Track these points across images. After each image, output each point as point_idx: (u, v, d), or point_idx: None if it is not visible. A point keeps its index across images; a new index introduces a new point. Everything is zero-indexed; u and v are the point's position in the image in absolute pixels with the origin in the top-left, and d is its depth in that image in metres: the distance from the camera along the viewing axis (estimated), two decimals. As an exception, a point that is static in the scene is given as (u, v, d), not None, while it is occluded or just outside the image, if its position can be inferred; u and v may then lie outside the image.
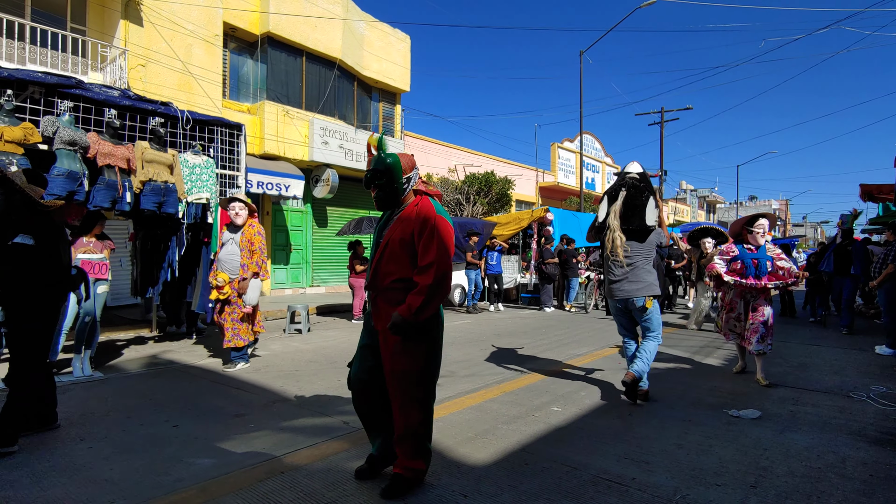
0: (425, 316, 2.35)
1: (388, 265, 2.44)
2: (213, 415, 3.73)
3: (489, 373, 5.12)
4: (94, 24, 10.12)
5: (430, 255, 2.35)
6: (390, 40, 15.77)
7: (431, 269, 2.33)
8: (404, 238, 2.42)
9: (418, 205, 2.48)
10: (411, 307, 2.31)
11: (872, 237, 15.84)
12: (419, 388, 2.44)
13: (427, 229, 2.39)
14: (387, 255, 2.45)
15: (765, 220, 4.84)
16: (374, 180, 2.50)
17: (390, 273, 2.43)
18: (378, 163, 2.47)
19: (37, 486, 2.54)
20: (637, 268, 4.02)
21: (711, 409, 3.92)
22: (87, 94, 5.22)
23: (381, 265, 2.46)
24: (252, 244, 5.10)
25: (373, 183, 2.51)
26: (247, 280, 5.07)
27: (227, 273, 5.10)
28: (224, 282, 5.08)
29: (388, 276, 2.44)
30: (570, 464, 2.85)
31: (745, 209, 52.71)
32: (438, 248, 2.36)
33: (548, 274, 11.18)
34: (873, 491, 2.57)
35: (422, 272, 2.35)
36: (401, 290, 2.41)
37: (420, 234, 2.39)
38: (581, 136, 19.76)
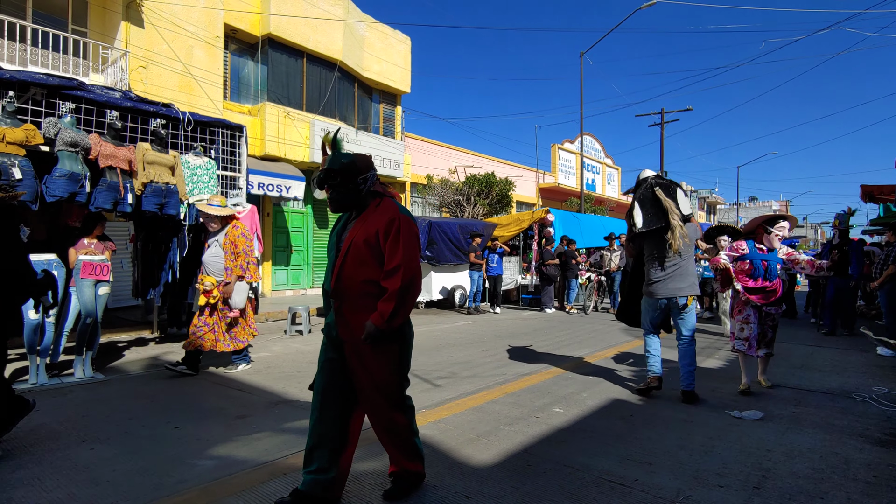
0: (398, 321, 2.25)
1: (353, 269, 2.29)
2: (215, 416, 3.73)
3: (490, 374, 5.12)
4: (96, 25, 10.13)
5: (397, 257, 2.23)
6: (391, 42, 15.79)
7: (399, 272, 2.22)
8: (368, 239, 2.28)
9: (379, 205, 2.36)
10: (384, 314, 2.20)
11: (873, 237, 15.83)
12: (399, 390, 2.39)
13: (392, 230, 2.26)
14: (351, 258, 2.30)
15: (786, 222, 4.49)
16: (328, 180, 2.35)
17: (357, 277, 2.29)
18: (332, 162, 2.34)
19: (39, 488, 2.54)
20: (682, 266, 4.18)
21: (713, 411, 3.92)
22: (88, 95, 5.22)
23: (346, 270, 2.30)
24: (236, 246, 4.93)
25: (326, 183, 2.37)
26: (231, 283, 4.91)
27: (213, 276, 4.97)
28: (212, 285, 4.93)
29: (354, 280, 2.29)
30: (573, 465, 2.85)
31: (745, 210, 52.72)
32: (405, 249, 2.25)
33: (548, 275, 11.20)
34: (876, 492, 2.56)
35: (390, 276, 2.24)
36: (371, 294, 2.28)
37: (385, 234, 2.27)
38: (581, 138, 19.77)
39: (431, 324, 9.17)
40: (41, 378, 4.46)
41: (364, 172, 2.37)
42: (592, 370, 5.33)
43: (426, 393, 4.37)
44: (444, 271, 11.57)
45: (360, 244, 2.28)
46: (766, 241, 4.52)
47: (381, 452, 3.01)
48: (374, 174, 2.42)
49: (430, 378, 4.91)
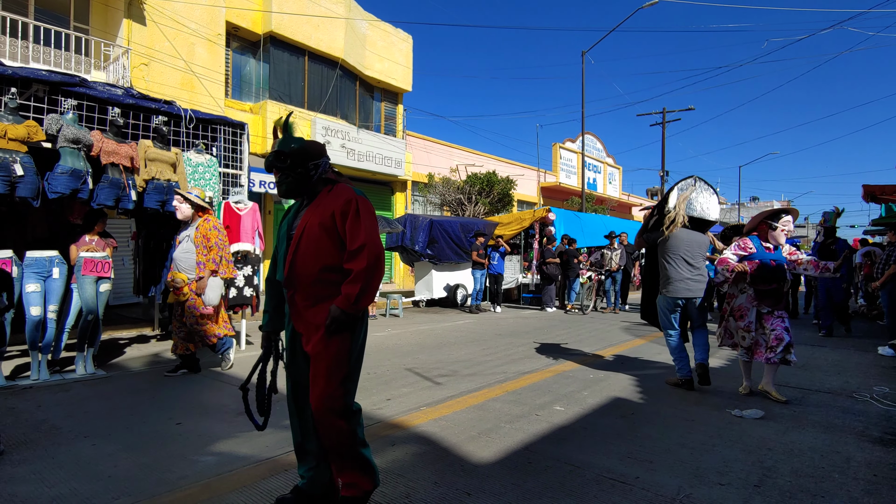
0: (366, 304, 2.15)
1: (308, 256, 2.17)
2: (216, 412, 3.74)
3: (491, 372, 5.12)
4: (98, 23, 10.14)
5: (359, 236, 2.13)
6: (392, 40, 15.78)
7: (363, 251, 2.12)
8: (324, 222, 2.17)
9: (332, 190, 2.27)
10: (350, 296, 2.09)
11: (874, 237, 15.82)
12: (341, 391, 2.17)
13: (351, 210, 2.17)
14: (304, 244, 2.18)
15: (789, 216, 4.29)
16: (277, 163, 2.24)
17: (313, 265, 2.17)
18: (282, 144, 2.25)
19: (42, 483, 2.55)
20: (702, 267, 4.60)
21: (714, 409, 3.92)
22: (90, 92, 5.22)
23: (299, 257, 2.18)
24: (208, 240, 4.73)
25: (275, 166, 2.25)
26: (204, 279, 4.71)
27: (184, 273, 4.74)
28: (182, 282, 4.71)
29: (310, 268, 2.17)
30: (574, 463, 2.85)
31: (746, 210, 52.65)
32: (366, 227, 2.15)
33: (549, 274, 11.19)
34: (877, 491, 2.56)
35: (353, 257, 2.13)
36: (329, 282, 2.17)
37: (343, 215, 2.17)
38: (583, 137, 19.75)
39: (433, 322, 9.18)
40: (43, 374, 4.47)
41: (316, 158, 2.28)
42: (593, 369, 5.33)
43: (427, 391, 4.38)
44: (445, 270, 11.57)
45: (315, 229, 2.18)
46: (772, 238, 4.28)
47: (381, 449, 3.02)
48: (327, 162, 2.34)
49: (431, 376, 4.91)
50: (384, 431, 3.34)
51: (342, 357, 2.17)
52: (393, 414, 3.70)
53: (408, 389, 4.41)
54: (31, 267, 4.45)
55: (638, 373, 5.16)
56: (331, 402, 2.13)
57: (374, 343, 6.82)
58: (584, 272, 11.45)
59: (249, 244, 6.08)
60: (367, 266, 2.11)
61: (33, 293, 4.41)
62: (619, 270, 11.29)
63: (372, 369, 5.18)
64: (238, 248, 5.99)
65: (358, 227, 2.15)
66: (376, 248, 2.16)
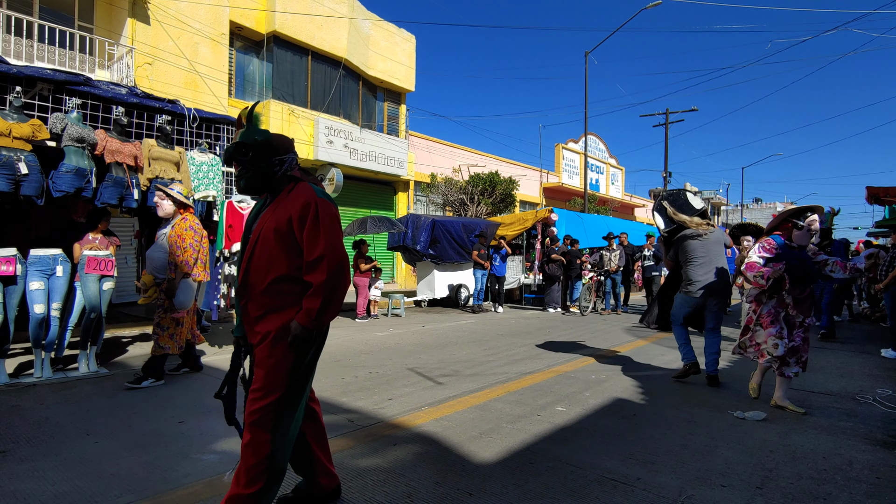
0: (328, 319, 2.00)
1: (262, 263, 2.04)
2: (218, 411, 3.74)
3: (493, 372, 5.12)
4: (102, 22, 10.17)
5: (318, 246, 1.97)
6: (395, 40, 15.79)
7: (323, 262, 1.95)
8: (279, 228, 2.01)
9: (293, 190, 2.09)
10: (311, 312, 1.94)
11: (878, 240, 15.76)
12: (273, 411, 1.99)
13: (309, 215, 1.99)
14: (259, 250, 2.05)
15: (815, 215, 3.95)
16: (237, 155, 2.09)
17: (266, 273, 2.03)
18: (245, 136, 2.10)
19: (45, 481, 2.56)
20: (723, 264, 4.78)
21: (716, 411, 3.91)
22: (94, 91, 5.24)
23: (254, 264, 2.05)
24: (182, 239, 4.40)
25: (235, 158, 2.10)
26: (174, 280, 4.38)
27: (152, 273, 4.46)
28: (146, 285, 4.44)
29: (263, 276, 2.03)
30: (575, 463, 2.85)
31: (749, 211, 52.52)
32: (326, 235, 1.98)
33: (551, 274, 11.14)
34: (880, 493, 2.56)
35: (312, 268, 1.97)
36: (282, 292, 2.03)
37: (301, 221, 1.99)
38: (585, 137, 19.72)
39: (435, 322, 9.18)
40: (46, 372, 4.49)
41: (281, 153, 2.13)
42: (595, 369, 5.33)
43: (429, 390, 4.38)
44: (447, 270, 11.58)
45: (272, 232, 2.02)
46: (797, 238, 3.90)
47: (382, 448, 3.02)
48: (294, 158, 2.18)
49: (432, 376, 4.92)
50: (386, 431, 3.34)
51: (278, 374, 2.00)
52: (394, 413, 3.71)
53: (409, 389, 4.41)
54: (34, 265, 4.47)
55: (640, 374, 5.15)
56: (262, 416, 1.98)
57: (375, 343, 6.83)
58: (586, 273, 11.44)
59: (252, 243, 6.09)
60: (327, 278, 1.95)
61: (37, 291, 4.43)
62: (619, 271, 11.26)
63: (374, 369, 5.18)
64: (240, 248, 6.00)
65: (317, 235, 1.98)
66: (338, 257, 1.99)
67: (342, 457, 2.89)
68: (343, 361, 5.56)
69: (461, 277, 11.81)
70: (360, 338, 7.22)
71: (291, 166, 2.17)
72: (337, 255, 1.99)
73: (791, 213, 4.00)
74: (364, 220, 9.83)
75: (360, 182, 15.18)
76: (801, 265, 3.80)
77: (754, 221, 8.17)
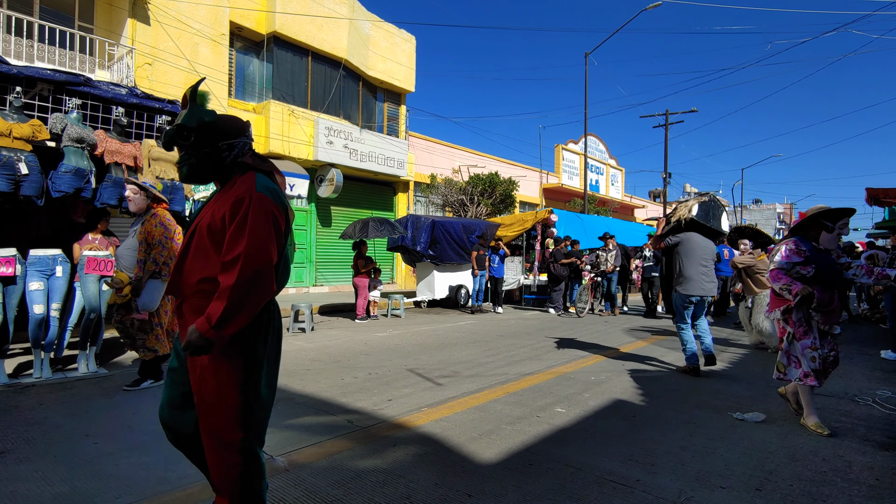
0: (232, 329, 1.72)
1: (194, 261, 1.86)
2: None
3: (492, 373, 5.12)
4: (102, 22, 10.18)
5: (238, 245, 1.74)
6: (395, 40, 15.80)
7: (237, 264, 1.72)
8: (213, 224, 1.82)
9: (237, 182, 1.88)
10: (210, 318, 1.70)
11: (878, 241, 15.77)
12: (233, 424, 1.82)
13: (240, 212, 1.78)
14: (193, 247, 1.87)
15: (848, 217, 3.64)
16: (177, 139, 1.87)
17: (197, 272, 1.85)
18: (187, 118, 1.87)
19: (43, 481, 2.56)
20: (712, 269, 5.29)
21: (716, 412, 3.91)
22: (94, 91, 5.25)
23: (187, 261, 1.88)
24: (151, 236, 4.13)
25: (175, 142, 1.88)
26: (141, 279, 4.11)
27: (126, 272, 4.22)
28: (121, 283, 4.18)
29: (196, 275, 1.85)
30: (575, 465, 2.85)
31: (749, 213, 52.57)
32: (251, 235, 1.75)
33: (558, 275, 11.05)
34: (879, 495, 2.55)
35: (226, 269, 1.75)
36: (210, 295, 1.82)
37: (232, 218, 1.79)
38: (585, 138, 19.74)
39: (434, 323, 9.18)
40: (45, 372, 4.49)
41: (230, 137, 1.91)
42: (594, 371, 5.33)
43: (428, 391, 4.38)
44: (447, 270, 11.58)
45: (205, 228, 1.84)
46: (825, 242, 3.58)
47: (382, 450, 3.02)
48: (246, 143, 1.96)
49: (432, 377, 4.91)
50: (385, 432, 3.34)
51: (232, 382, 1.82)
52: (394, 414, 3.70)
53: (409, 390, 4.41)
54: (34, 265, 4.47)
55: (639, 375, 5.15)
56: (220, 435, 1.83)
57: (375, 343, 6.83)
58: (585, 274, 11.43)
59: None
60: (236, 283, 1.70)
61: (36, 291, 4.43)
62: (615, 272, 11.20)
63: (373, 370, 5.18)
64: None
65: (241, 234, 1.75)
66: (257, 260, 1.74)
67: (341, 458, 2.89)
68: (342, 362, 5.56)
69: (461, 278, 11.82)
70: (359, 338, 7.22)
71: (243, 152, 1.95)
72: (256, 259, 1.74)
73: (822, 214, 3.62)
74: (366, 223, 9.73)
75: (359, 183, 15.19)
76: (830, 269, 3.52)
77: (754, 223, 8.15)
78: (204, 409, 1.83)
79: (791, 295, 3.50)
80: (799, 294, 3.45)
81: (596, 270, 11.25)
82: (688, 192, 48.70)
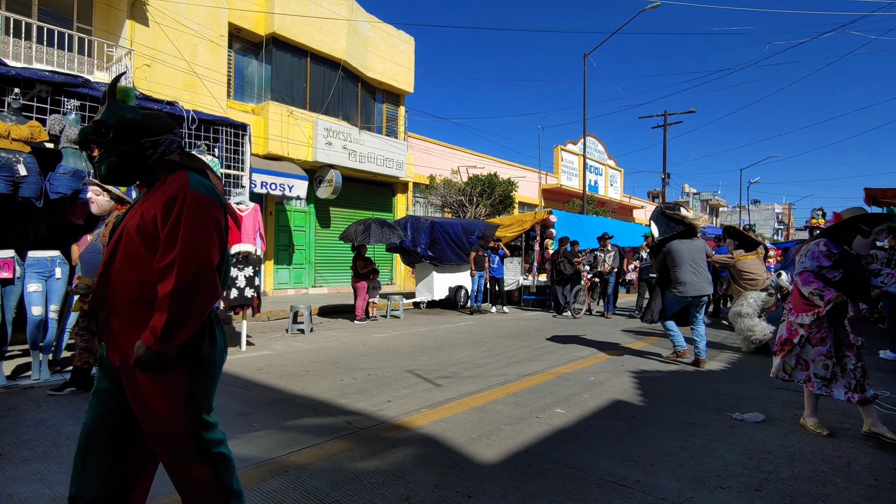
0: (181, 339, 1.61)
1: (124, 267, 1.69)
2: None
3: (492, 374, 5.12)
4: (101, 23, 10.17)
5: (173, 248, 1.62)
6: (394, 41, 15.80)
7: (174, 268, 1.59)
8: (144, 225, 1.67)
9: (166, 181, 1.73)
10: (155, 330, 1.58)
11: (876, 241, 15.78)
12: (190, 434, 1.69)
13: (174, 210, 1.64)
14: (122, 253, 1.70)
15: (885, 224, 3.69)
16: (95, 136, 1.72)
17: (129, 279, 1.68)
18: (106, 113, 1.73)
19: (42, 483, 2.55)
20: (704, 269, 5.59)
21: (715, 413, 3.91)
22: (93, 93, 5.24)
23: (115, 268, 1.70)
24: None
25: (92, 140, 1.73)
26: None
27: (88, 276, 4.01)
28: (87, 288, 3.95)
29: (126, 283, 1.68)
30: (574, 465, 2.85)
31: (747, 213, 52.61)
32: (188, 236, 1.62)
33: (567, 276, 10.87)
34: (879, 495, 2.56)
35: (163, 275, 1.62)
36: (150, 304, 1.67)
37: (165, 218, 1.65)
38: (584, 139, 19.75)
39: (433, 324, 9.18)
40: (44, 374, 4.48)
41: (155, 134, 1.78)
42: (594, 371, 5.33)
43: (428, 392, 4.37)
44: (446, 271, 11.57)
45: (134, 231, 1.68)
46: (860, 247, 3.40)
47: (381, 451, 3.02)
48: (173, 140, 1.83)
49: (431, 378, 4.91)
50: (385, 433, 3.34)
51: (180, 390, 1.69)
52: (393, 415, 3.70)
53: (408, 391, 4.41)
54: (32, 267, 4.46)
55: (638, 375, 5.15)
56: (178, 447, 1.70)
57: (374, 344, 6.82)
58: (585, 274, 11.43)
59: (251, 245, 6.10)
60: (175, 289, 1.58)
61: (35, 293, 4.42)
62: (612, 273, 11.15)
63: (372, 371, 5.18)
64: (239, 249, 6.01)
65: (175, 235, 1.63)
66: (196, 261, 1.62)
67: (341, 459, 2.88)
68: (342, 363, 5.55)
69: (460, 279, 11.82)
70: (358, 339, 7.22)
71: (170, 149, 1.81)
72: (194, 260, 1.62)
73: (859, 218, 3.41)
74: (368, 227, 9.56)
75: (358, 184, 15.18)
76: (858, 276, 3.32)
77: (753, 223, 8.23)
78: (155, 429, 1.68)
79: (822, 301, 3.27)
80: (832, 302, 3.23)
81: (594, 271, 11.23)
82: (686, 192, 48.75)
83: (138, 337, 1.65)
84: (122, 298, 1.69)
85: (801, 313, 3.49)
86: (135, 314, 1.69)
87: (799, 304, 3.52)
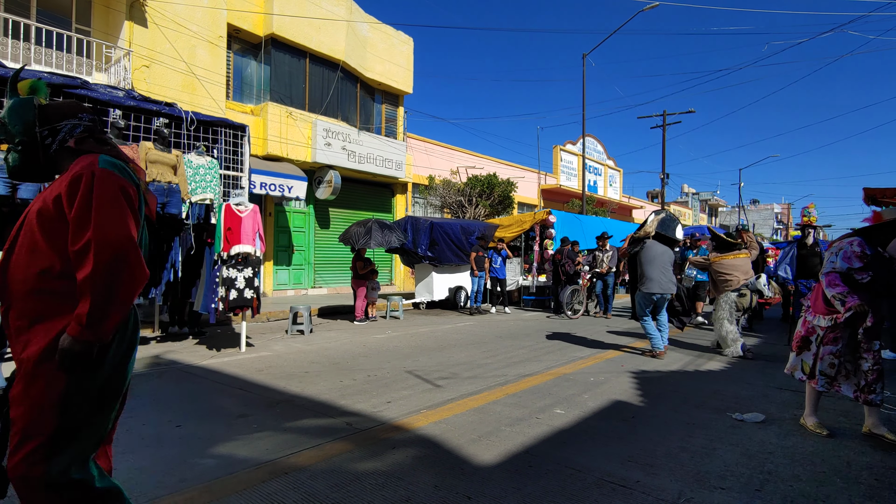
0: (110, 326, 1.51)
1: (23, 256, 1.56)
2: (217, 415, 3.74)
3: (492, 375, 5.12)
4: (99, 25, 10.16)
5: (85, 229, 1.49)
6: (393, 42, 15.81)
7: (90, 250, 1.48)
8: (45, 209, 1.55)
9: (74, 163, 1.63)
10: (80, 319, 1.46)
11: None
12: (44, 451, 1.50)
13: (81, 189, 1.52)
14: (22, 240, 1.58)
15: None
16: None
17: (29, 268, 1.55)
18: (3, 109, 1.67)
19: None
20: (670, 272, 6.09)
21: (715, 413, 3.91)
22: (91, 94, 5.24)
23: (14, 257, 1.57)
24: None
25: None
26: None
27: None
28: None
29: (24, 273, 1.55)
30: (574, 466, 2.85)
31: (746, 213, 52.69)
32: (99, 214, 1.50)
33: (571, 275, 10.84)
34: (879, 495, 2.56)
35: (79, 260, 1.50)
36: (54, 293, 1.55)
37: (70, 199, 1.52)
38: (583, 139, 19.77)
39: (433, 324, 9.17)
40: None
41: (53, 121, 1.68)
42: (593, 371, 5.33)
43: (427, 393, 4.37)
44: (446, 272, 11.57)
45: (34, 218, 1.56)
46: (894, 250, 3.26)
47: (381, 452, 3.01)
48: (76, 125, 1.71)
49: (431, 378, 4.91)
50: (384, 434, 3.34)
51: (48, 404, 1.51)
52: (393, 416, 3.70)
53: (408, 392, 4.41)
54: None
55: (638, 376, 5.15)
56: (25, 468, 1.49)
57: (374, 345, 6.82)
58: (584, 275, 11.43)
59: (250, 246, 6.09)
60: (93, 271, 1.47)
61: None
62: (610, 273, 11.10)
63: (372, 371, 5.18)
64: (239, 250, 6.00)
65: (86, 215, 1.50)
66: (113, 241, 1.50)
67: (340, 460, 2.88)
68: (341, 364, 5.55)
69: (459, 279, 11.81)
70: (358, 340, 7.21)
71: (72, 135, 1.70)
72: (112, 241, 1.50)
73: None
74: (369, 229, 9.46)
75: (358, 184, 15.18)
76: (887, 280, 3.18)
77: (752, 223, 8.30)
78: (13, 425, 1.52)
79: (843, 308, 3.18)
80: (853, 309, 3.14)
81: (592, 271, 11.23)
82: (685, 192, 48.77)
83: (35, 330, 1.53)
84: (19, 288, 1.56)
85: (819, 314, 3.44)
86: (31, 305, 1.55)
87: (820, 304, 3.44)
